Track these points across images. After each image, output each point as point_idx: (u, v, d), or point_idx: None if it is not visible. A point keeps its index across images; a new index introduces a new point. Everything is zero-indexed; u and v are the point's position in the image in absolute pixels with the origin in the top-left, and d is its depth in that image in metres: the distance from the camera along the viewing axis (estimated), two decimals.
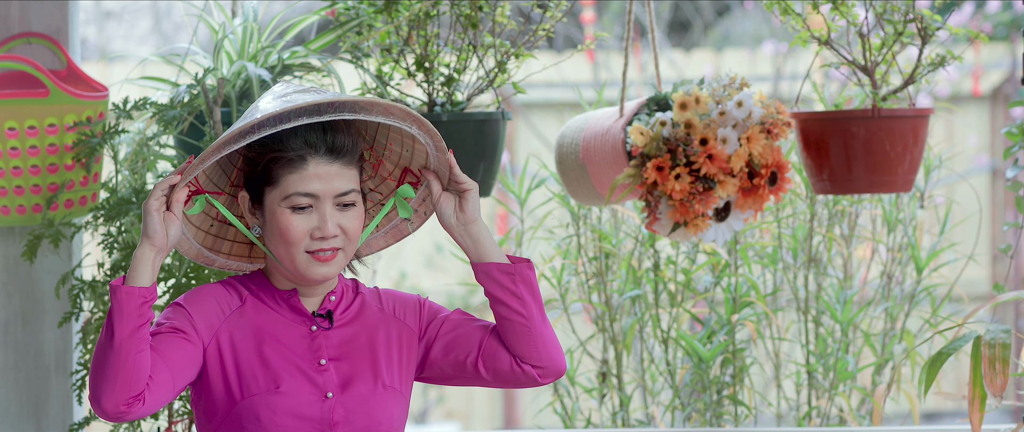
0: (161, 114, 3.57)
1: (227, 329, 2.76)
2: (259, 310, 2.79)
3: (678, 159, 3.59)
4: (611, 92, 4.70)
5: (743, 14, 10.59)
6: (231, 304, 2.78)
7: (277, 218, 2.73)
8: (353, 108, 2.71)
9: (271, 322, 2.78)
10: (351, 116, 2.71)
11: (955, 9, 5.67)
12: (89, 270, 3.94)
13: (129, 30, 10.74)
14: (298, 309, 2.80)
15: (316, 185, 2.72)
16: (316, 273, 2.74)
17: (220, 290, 2.79)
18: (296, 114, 2.68)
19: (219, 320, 2.76)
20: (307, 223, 2.73)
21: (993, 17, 8.83)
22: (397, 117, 2.75)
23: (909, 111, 3.67)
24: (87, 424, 3.66)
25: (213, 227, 2.85)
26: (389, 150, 2.87)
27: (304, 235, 2.72)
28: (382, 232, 2.93)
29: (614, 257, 4.50)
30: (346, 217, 2.75)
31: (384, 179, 2.90)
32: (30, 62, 3.64)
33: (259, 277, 2.83)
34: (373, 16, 3.70)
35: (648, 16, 3.95)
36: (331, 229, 2.73)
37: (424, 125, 2.78)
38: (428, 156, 2.84)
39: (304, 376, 2.75)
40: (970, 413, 3.45)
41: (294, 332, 2.78)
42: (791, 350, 5.14)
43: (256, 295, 2.80)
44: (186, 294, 2.78)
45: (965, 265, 4.63)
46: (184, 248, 2.80)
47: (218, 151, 2.67)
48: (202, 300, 2.76)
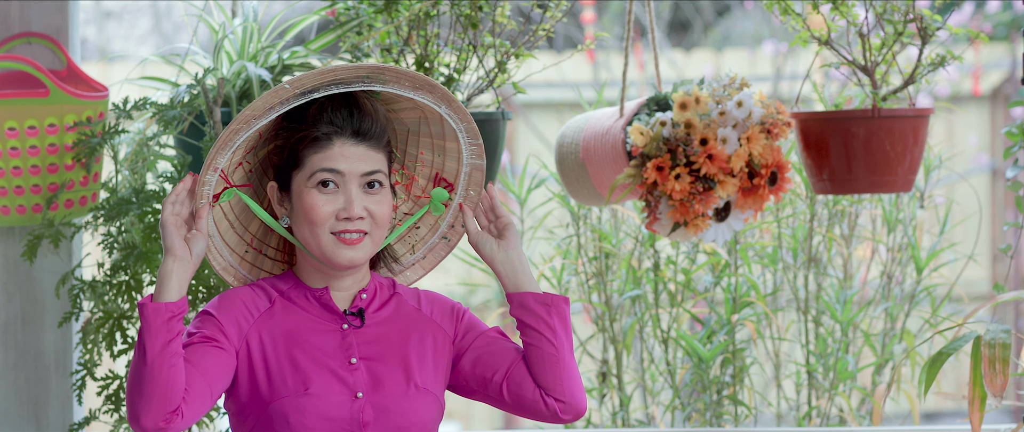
0: (161, 114, 3.57)
1: (256, 331, 2.75)
2: (288, 310, 2.78)
3: (678, 159, 3.59)
4: (611, 92, 4.70)
5: (743, 14, 10.59)
6: (260, 306, 2.77)
7: (303, 199, 2.72)
8: (381, 75, 2.71)
9: (301, 322, 2.77)
10: (380, 87, 2.71)
11: (955, 9, 5.68)
12: (89, 270, 3.94)
13: (129, 30, 10.74)
14: (330, 307, 2.78)
15: (341, 163, 2.71)
16: (342, 256, 2.73)
17: (247, 292, 2.78)
18: (324, 84, 2.68)
19: (248, 323, 2.75)
20: (333, 203, 2.72)
21: (993, 17, 8.83)
22: (426, 91, 2.75)
23: (909, 111, 3.67)
24: (87, 424, 3.66)
25: (248, 253, 2.85)
26: (421, 162, 2.87)
27: (329, 215, 2.71)
28: (420, 253, 2.92)
29: (614, 257, 4.50)
30: (373, 200, 2.74)
31: (418, 198, 2.89)
32: (30, 62, 3.64)
33: (289, 276, 2.82)
34: (373, 16, 3.70)
35: (648, 16, 3.95)
36: (357, 209, 2.71)
37: (453, 102, 2.78)
38: (460, 154, 2.83)
39: (334, 376, 2.74)
40: (970, 413, 3.45)
41: (325, 331, 2.77)
42: (791, 350, 5.14)
43: (286, 295, 2.79)
44: (214, 300, 2.77)
45: (965, 265, 4.63)
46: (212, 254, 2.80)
47: (245, 126, 2.67)
48: (230, 305, 2.76)
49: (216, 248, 2.80)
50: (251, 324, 2.75)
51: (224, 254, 2.82)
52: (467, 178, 2.88)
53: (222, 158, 2.70)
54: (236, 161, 2.78)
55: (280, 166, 2.77)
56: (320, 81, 2.70)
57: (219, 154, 2.70)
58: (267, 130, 2.79)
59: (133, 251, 3.53)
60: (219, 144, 2.68)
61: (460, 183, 2.88)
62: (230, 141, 2.69)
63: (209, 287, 3.52)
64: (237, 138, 2.69)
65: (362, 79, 2.72)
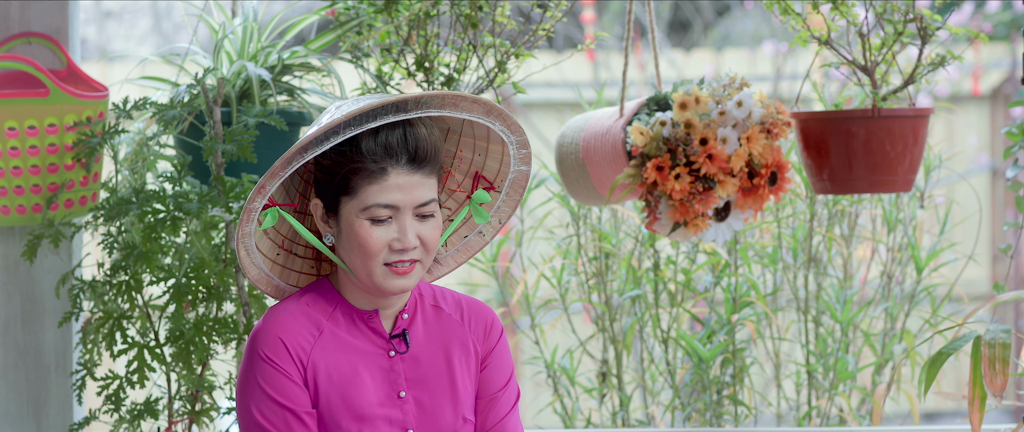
0: (161, 114, 3.57)
1: (313, 365, 2.70)
2: (338, 339, 2.72)
3: (678, 159, 3.58)
4: (611, 92, 4.70)
5: (743, 14, 10.58)
6: (312, 334, 2.71)
7: (355, 230, 2.65)
8: (440, 103, 2.64)
9: (351, 356, 2.72)
10: (437, 113, 2.64)
11: (955, 9, 5.68)
12: (89, 270, 3.94)
13: (129, 30, 10.73)
14: (379, 331, 2.74)
15: (396, 195, 2.64)
16: (393, 286, 2.67)
17: (293, 322, 2.71)
18: (380, 112, 2.60)
19: (305, 357, 2.69)
20: (386, 234, 2.65)
21: (993, 17, 8.82)
22: (482, 111, 2.68)
23: (909, 111, 3.67)
24: (87, 424, 3.66)
25: (280, 256, 2.79)
26: (459, 159, 2.82)
27: (383, 246, 2.65)
28: (453, 250, 2.89)
29: (614, 257, 4.50)
30: (425, 228, 2.67)
31: (453, 192, 2.85)
32: (30, 62, 3.64)
33: (333, 294, 2.75)
34: (373, 16, 3.70)
35: (648, 16, 3.95)
36: (411, 241, 2.65)
37: (507, 119, 2.72)
38: (504, 156, 2.79)
39: (385, 417, 2.71)
40: (970, 413, 3.45)
41: (374, 361, 2.72)
42: (791, 350, 5.14)
43: (333, 319, 2.73)
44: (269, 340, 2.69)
45: (965, 265, 4.64)
46: (253, 275, 2.74)
47: (298, 157, 2.59)
48: (288, 342, 2.69)
49: (254, 262, 2.74)
50: (308, 357, 2.69)
51: (260, 265, 2.76)
52: (511, 183, 2.82)
53: (272, 185, 2.63)
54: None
55: (326, 184, 2.68)
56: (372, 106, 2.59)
57: (270, 182, 2.62)
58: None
59: (133, 251, 3.53)
60: (273, 173, 2.61)
61: (504, 187, 2.83)
62: (283, 170, 2.61)
63: (209, 287, 3.52)
64: (289, 167, 2.61)
65: (420, 106, 2.63)
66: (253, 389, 2.68)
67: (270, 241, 2.78)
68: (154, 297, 3.60)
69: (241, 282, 3.51)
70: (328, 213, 2.70)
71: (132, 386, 3.55)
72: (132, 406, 3.58)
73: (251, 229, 2.68)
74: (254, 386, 2.67)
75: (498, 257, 4.68)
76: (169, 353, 3.57)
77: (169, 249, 3.55)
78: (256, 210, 2.66)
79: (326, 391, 2.69)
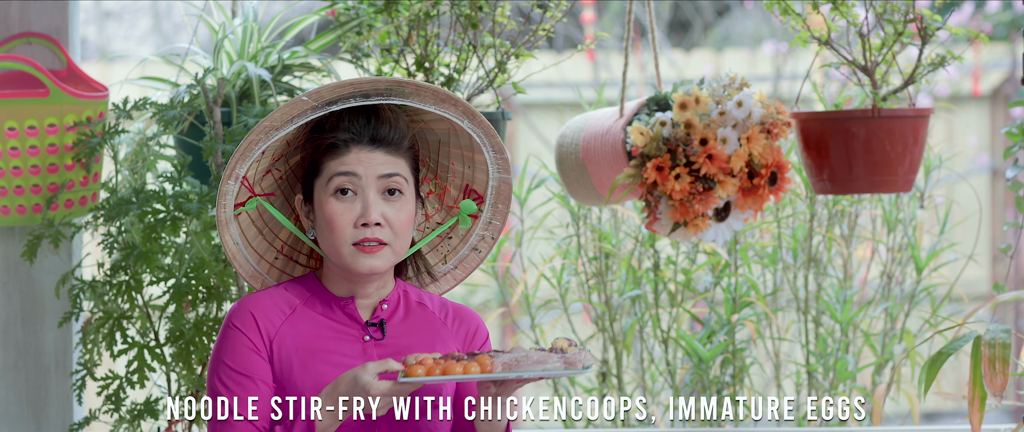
0: (161, 114, 3.57)
1: (280, 339, 2.74)
2: (310, 319, 2.76)
3: (678, 159, 3.58)
4: (611, 92, 4.70)
5: (743, 14, 10.58)
6: (282, 311, 2.76)
7: (323, 207, 2.72)
8: (403, 88, 2.70)
9: (323, 331, 2.76)
10: (401, 100, 2.71)
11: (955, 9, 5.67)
12: (89, 270, 3.94)
13: (129, 30, 10.73)
14: (354, 316, 2.77)
15: (357, 166, 2.70)
16: (362, 265, 2.71)
17: (267, 298, 2.76)
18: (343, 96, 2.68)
19: (273, 330, 2.74)
20: (350, 211, 2.70)
21: (993, 17, 8.82)
22: (449, 105, 2.74)
23: (909, 111, 3.67)
24: (87, 424, 3.66)
25: (278, 260, 2.85)
26: (453, 174, 2.86)
27: (348, 224, 2.70)
28: (450, 265, 2.92)
29: (614, 257, 4.50)
30: (392, 207, 2.72)
31: (451, 208, 2.89)
32: (30, 62, 3.64)
33: (312, 280, 2.80)
34: (373, 16, 3.70)
35: (648, 16, 3.95)
36: (374, 215, 2.70)
37: (477, 119, 2.77)
38: (487, 167, 2.83)
39: None
40: (970, 413, 3.44)
41: (346, 342, 2.76)
42: (791, 350, 5.14)
43: (308, 303, 2.77)
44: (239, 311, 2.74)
45: (965, 265, 4.63)
46: (239, 262, 2.80)
47: (264, 137, 2.67)
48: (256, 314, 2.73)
49: (243, 256, 2.80)
50: (276, 332, 2.74)
51: (252, 262, 2.82)
52: (495, 192, 2.87)
53: (242, 167, 2.70)
54: (264, 169, 2.77)
55: (305, 177, 2.78)
56: (338, 93, 2.69)
57: (239, 163, 2.70)
58: (296, 139, 2.79)
59: (133, 251, 3.53)
60: (238, 153, 2.68)
61: (488, 197, 2.87)
62: (248, 151, 2.69)
63: (209, 287, 3.52)
64: (256, 149, 2.69)
65: (382, 92, 2.72)
66: (217, 357, 2.74)
67: (267, 243, 2.82)
68: (154, 297, 3.60)
69: (241, 283, 3.51)
70: (307, 204, 2.77)
71: (132, 386, 3.55)
72: (132, 406, 3.58)
73: (227, 216, 2.74)
74: (218, 354, 2.73)
75: (498, 257, 4.68)
76: (169, 353, 3.57)
77: (169, 249, 3.55)
78: (230, 192, 2.72)
79: (291, 362, 2.73)
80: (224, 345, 2.73)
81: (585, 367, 2.64)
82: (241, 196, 2.76)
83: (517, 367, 2.62)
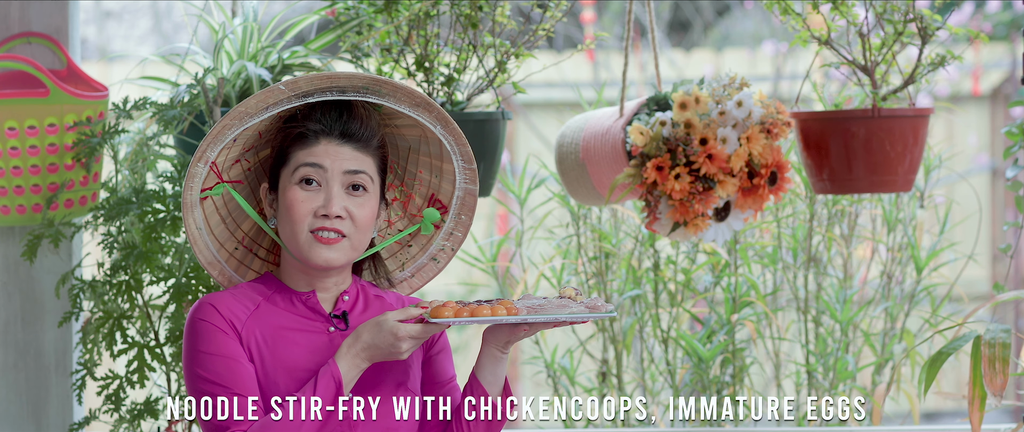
0: (161, 114, 3.57)
1: (247, 332, 2.74)
2: (274, 313, 2.77)
3: (678, 159, 3.58)
4: (611, 92, 4.70)
5: (743, 14, 10.58)
6: (247, 307, 2.76)
7: (285, 195, 2.73)
8: (380, 88, 2.72)
9: (287, 323, 2.77)
10: (377, 100, 2.72)
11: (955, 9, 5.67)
12: (89, 270, 3.94)
13: (129, 30, 10.73)
14: (316, 309, 2.78)
15: (324, 158, 2.72)
16: (318, 256, 2.72)
17: (230, 296, 2.77)
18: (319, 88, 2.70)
19: (240, 323, 2.74)
20: (312, 201, 2.71)
21: (993, 17, 8.82)
22: (424, 109, 2.75)
23: (909, 111, 3.67)
24: (87, 424, 3.66)
25: (237, 250, 2.86)
26: (419, 182, 2.87)
27: (308, 212, 2.71)
28: (407, 273, 2.93)
29: (614, 257, 4.50)
30: (355, 202, 2.73)
31: (414, 216, 2.90)
32: (30, 62, 3.64)
33: (270, 279, 2.81)
34: (373, 16, 3.70)
35: (648, 16, 3.95)
36: (336, 208, 2.71)
37: (450, 126, 2.79)
38: (454, 178, 2.84)
39: None
40: (970, 413, 3.45)
41: (312, 334, 2.77)
42: (791, 350, 5.14)
43: (270, 299, 2.78)
44: (203, 308, 2.74)
45: (965, 265, 4.63)
46: (199, 247, 2.81)
47: (237, 123, 2.68)
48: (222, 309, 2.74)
49: (203, 241, 2.80)
50: (242, 324, 2.75)
51: (211, 248, 2.82)
52: (460, 203, 2.88)
53: (212, 151, 2.71)
54: (233, 157, 2.78)
55: (271, 166, 2.79)
56: (316, 86, 2.70)
57: (210, 147, 2.70)
58: (268, 131, 2.80)
59: (133, 251, 3.53)
60: (210, 137, 2.69)
61: (452, 207, 2.88)
62: (220, 136, 2.70)
63: (209, 286, 3.52)
64: (228, 133, 2.70)
65: (359, 89, 2.73)
66: (192, 352, 2.73)
67: (229, 233, 2.83)
68: (154, 297, 3.60)
69: None
70: (272, 193, 2.78)
71: (132, 386, 3.55)
72: (132, 406, 3.58)
73: (193, 198, 2.75)
74: (192, 349, 2.72)
75: (498, 257, 4.68)
76: (169, 353, 3.57)
77: (169, 249, 3.55)
78: (198, 175, 2.72)
79: (261, 352, 2.73)
80: (194, 339, 2.72)
81: (609, 312, 2.66)
82: (209, 181, 2.77)
83: (542, 311, 2.66)
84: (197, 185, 2.74)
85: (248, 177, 2.83)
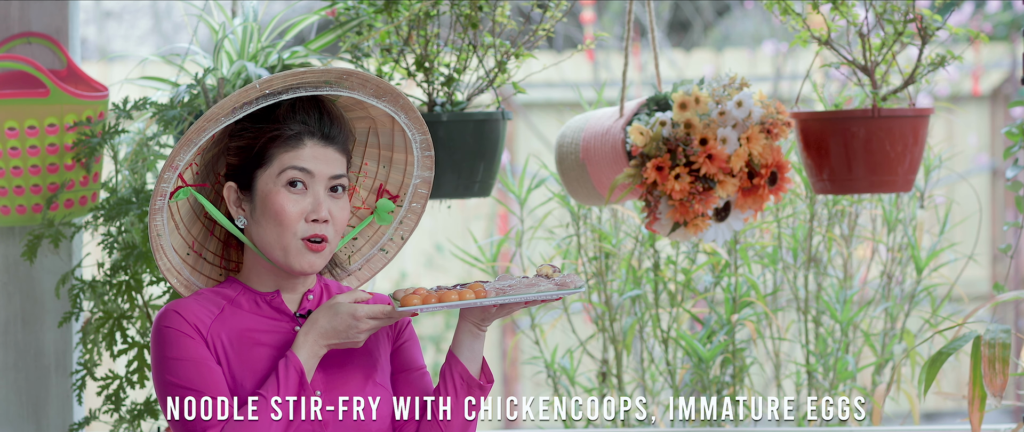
0: (161, 114, 3.57)
1: (213, 336, 2.74)
2: (238, 315, 2.76)
3: (678, 159, 3.59)
4: (611, 92, 4.70)
5: (743, 14, 10.58)
6: (211, 311, 2.75)
7: (272, 198, 2.71)
8: (345, 81, 2.71)
9: (253, 324, 2.76)
10: (345, 92, 2.72)
11: (955, 9, 5.68)
12: (89, 270, 3.94)
13: (129, 30, 10.73)
14: (281, 309, 2.78)
15: (312, 163, 2.71)
16: (306, 262, 2.72)
17: (194, 302, 2.76)
18: (292, 86, 2.69)
19: (206, 328, 2.73)
20: (300, 204, 2.71)
21: (993, 17, 8.83)
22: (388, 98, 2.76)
23: (909, 111, 3.67)
24: (87, 424, 3.66)
25: (189, 256, 2.83)
26: (364, 174, 2.88)
27: (299, 217, 2.71)
28: (356, 266, 2.93)
29: (614, 257, 4.50)
30: (336, 205, 2.74)
31: (358, 209, 2.90)
32: (30, 62, 3.64)
33: (233, 283, 2.80)
34: (373, 16, 3.70)
35: (648, 16, 3.95)
36: (325, 212, 2.71)
37: (412, 114, 2.80)
38: (408, 166, 2.85)
39: None
40: (970, 413, 3.45)
41: (279, 334, 2.76)
42: (791, 350, 5.14)
43: (234, 302, 2.77)
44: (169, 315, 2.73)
45: (965, 265, 4.63)
46: (164, 265, 2.79)
47: (212, 124, 2.66)
48: (187, 315, 2.73)
49: (164, 248, 2.78)
50: (207, 328, 2.73)
51: (170, 256, 2.80)
52: (413, 191, 2.89)
53: (184, 155, 2.69)
54: (188, 161, 2.77)
55: (240, 165, 2.75)
56: (289, 83, 2.70)
57: (183, 151, 2.69)
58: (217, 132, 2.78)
59: (133, 251, 3.53)
60: (183, 141, 2.68)
61: (407, 196, 2.88)
62: (194, 139, 2.68)
63: None
64: (202, 136, 2.68)
65: (329, 83, 2.73)
66: (160, 359, 2.71)
67: (181, 238, 2.81)
68: (154, 297, 3.60)
69: None
70: (242, 192, 2.75)
71: (132, 386, 3.55)
72: (132, 406, 3.58)
73: (162, 204, 2.72)
74: (160, 356, 2.71)
75: (498, 257, 4.68)
76: None
77: None
78: (168, 181, 2.70)
79: (227, 355, 2.73)
80: (162, 346, 2.70)
81: (578, 287, 2.66)
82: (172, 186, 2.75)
83: (512, 291, 2.66)
84: (167, 191, 2.73)
85: (197, 179, 2.81)
